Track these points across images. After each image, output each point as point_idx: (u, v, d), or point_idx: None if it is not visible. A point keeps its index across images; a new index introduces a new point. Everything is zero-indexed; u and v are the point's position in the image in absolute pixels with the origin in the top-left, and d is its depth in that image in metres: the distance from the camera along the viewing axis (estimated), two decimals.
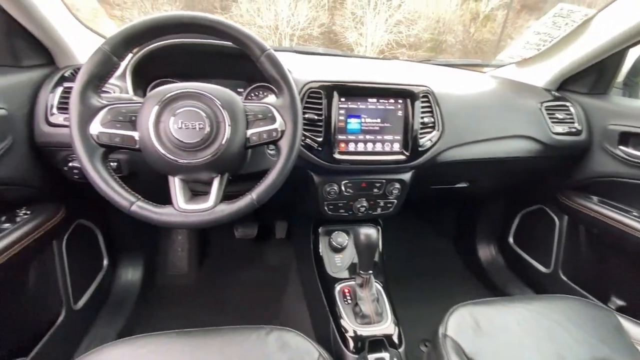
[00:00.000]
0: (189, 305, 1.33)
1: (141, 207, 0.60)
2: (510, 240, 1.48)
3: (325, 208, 0.96)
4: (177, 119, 0.59)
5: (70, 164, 0.80)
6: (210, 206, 0.62)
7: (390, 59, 1.24)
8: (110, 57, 0.59)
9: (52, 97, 0.79)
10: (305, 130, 0.85)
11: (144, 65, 0.87)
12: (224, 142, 0.61)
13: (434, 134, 0.93)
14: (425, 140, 0.91)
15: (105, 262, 1.16)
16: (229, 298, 1.38)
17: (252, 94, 1.01)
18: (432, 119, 0.92)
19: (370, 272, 0.86)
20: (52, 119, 0.78)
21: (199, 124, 0.60)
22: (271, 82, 0.67)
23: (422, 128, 0.91)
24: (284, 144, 0.65)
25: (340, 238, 1.03)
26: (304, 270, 1.22)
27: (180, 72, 0.96)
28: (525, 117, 1.05)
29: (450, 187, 1.17)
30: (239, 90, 1.01)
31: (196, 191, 0.67)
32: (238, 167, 0.71)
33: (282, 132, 0.65)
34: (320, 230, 1.07)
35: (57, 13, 0.82)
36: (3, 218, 0.77)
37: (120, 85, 0.84)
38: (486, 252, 1.54)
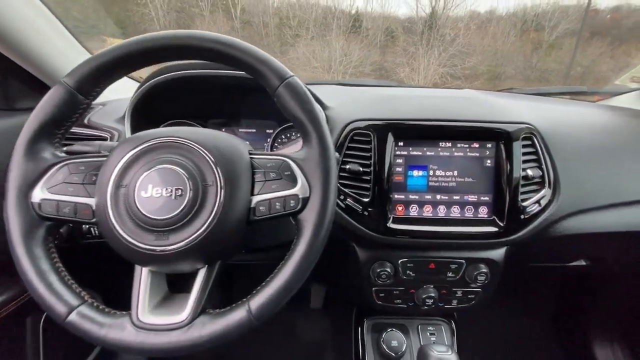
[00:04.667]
0: None
1: (83, 315, 0.38)
2: None
3: (374, 296, 0.67)
4: (145, 181, 0.38)
5: None
6: (182, 321, 0.38)
7: (461, 89, 0.96)
8: (74, 96, 0.41)
9: None
10: (346, 186, 0.60)
11: (150, 103, 0.70)
12: (211, 216, 0.38)
13: (544, 194, 0.61)
14: (531, 203, 0.60)
15: None
16: None
17: (282, 137, 0.79)
18: (540, 171, 0.61)
19: None
20: None
21: (177, 189, 0.38)
22: (294, 124, 0.44)
23: (524, 184, 0.60)
24: (307, 219, 0.40)
25: (396, 341, 0.70)
26: None
27: (198, 111, 0.78)
28: None
29: (561, 266, 0.80)
30: (267, 131, 0.80)
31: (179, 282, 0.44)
32: (237, 250, 0.47)
33: (305, 200, 0.40)
34: (365, 324, 0.76)
35: (50, 36, 0.68)
36: None
37: (119, 129, 0.68)
38: (607, 354, 1.06)
